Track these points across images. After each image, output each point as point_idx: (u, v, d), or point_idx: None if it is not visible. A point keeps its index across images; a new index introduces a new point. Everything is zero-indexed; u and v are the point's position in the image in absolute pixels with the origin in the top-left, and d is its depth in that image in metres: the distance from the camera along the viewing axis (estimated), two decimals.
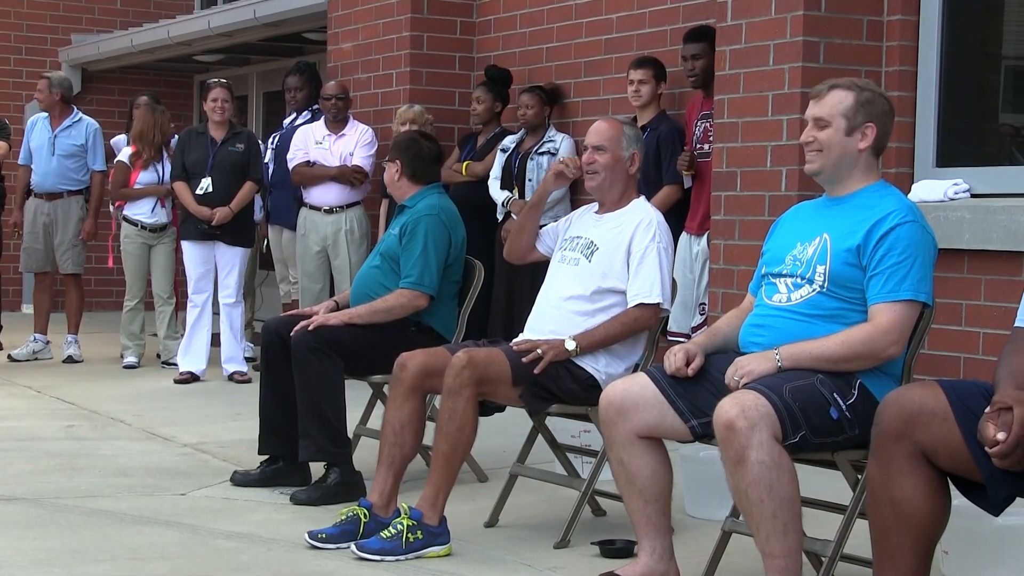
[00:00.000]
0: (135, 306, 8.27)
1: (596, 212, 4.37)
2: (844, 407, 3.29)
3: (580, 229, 4.37)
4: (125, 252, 8.25)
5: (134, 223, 8.19)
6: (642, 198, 4.37)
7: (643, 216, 4.25)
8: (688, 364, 3.47)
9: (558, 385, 4.12)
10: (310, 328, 4.68)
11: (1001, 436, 2.67)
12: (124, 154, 8.28)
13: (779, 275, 3.48)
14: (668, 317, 4.58)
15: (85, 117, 8.91)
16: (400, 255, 4.85)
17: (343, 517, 4.12)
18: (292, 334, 4.70)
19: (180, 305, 8.45)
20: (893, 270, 3.32)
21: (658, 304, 4.16)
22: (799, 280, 3.42)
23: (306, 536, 4.08)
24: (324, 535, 4.08)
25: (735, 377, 3.31)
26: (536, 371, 4.06)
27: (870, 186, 3.46)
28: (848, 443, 3.32)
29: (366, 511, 4.11)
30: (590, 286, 4.21)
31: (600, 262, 4.22)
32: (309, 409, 4.66)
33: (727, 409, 3.15)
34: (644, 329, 4.20)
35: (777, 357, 3.32)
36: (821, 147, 3.46)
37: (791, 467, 3.17)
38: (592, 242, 4.27)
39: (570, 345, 4.11)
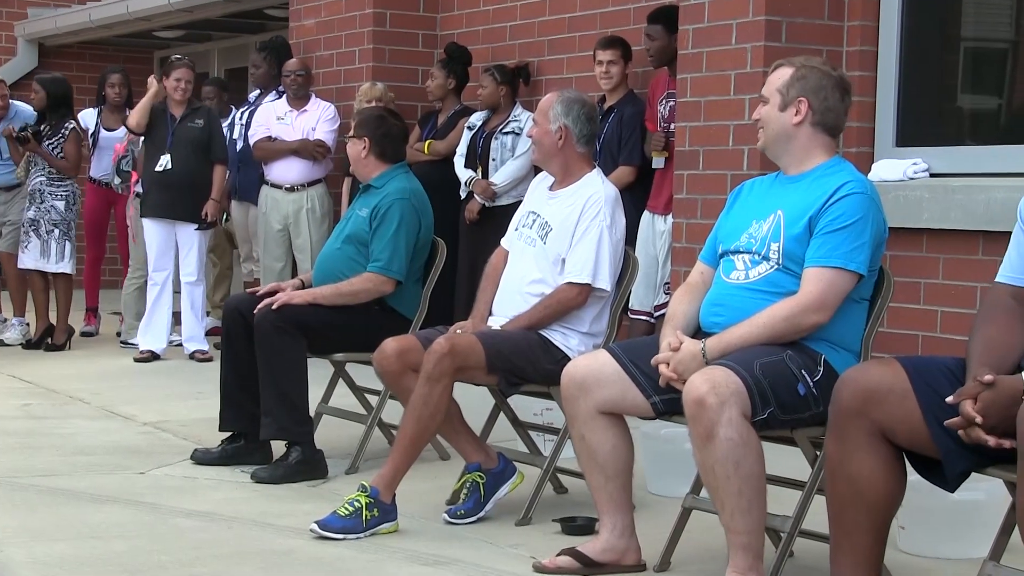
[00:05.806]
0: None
1: (550, 188, 4.34)
2: (811, 383, 3.29)
3: (534, 204, 4.36)
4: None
5: None
6: (595, 171, 4.30)
7: (592, 192, 4.20)
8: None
9: (535, 368, 4.11)
10: (274, 307, 4.66)
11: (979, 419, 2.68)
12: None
13: (735, 252, 3.47)
14: (631, 294, 4.56)
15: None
16: (370, 238, 4.83)
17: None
18: (255, 312, 4.68)
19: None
20: (831, 236, 3.31)
21: (587, 284, 4.12)
22: (756, 257, 3.42)
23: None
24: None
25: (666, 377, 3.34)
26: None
27: (825, 163, 3.46)
28: (813, 420, 3.31)
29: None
30: (547, 269, 4.20)
31: (554, 244, 4.20)
32: (271, 388, 4.65)
33: (698, 385, 3.14)
34: (572, 309, 4.14)
35: (703, 350, 3.31)
36: (763, 124, 3.49)
37: (758, 445, 3.18)
38: (546, 222, 4.25)
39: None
